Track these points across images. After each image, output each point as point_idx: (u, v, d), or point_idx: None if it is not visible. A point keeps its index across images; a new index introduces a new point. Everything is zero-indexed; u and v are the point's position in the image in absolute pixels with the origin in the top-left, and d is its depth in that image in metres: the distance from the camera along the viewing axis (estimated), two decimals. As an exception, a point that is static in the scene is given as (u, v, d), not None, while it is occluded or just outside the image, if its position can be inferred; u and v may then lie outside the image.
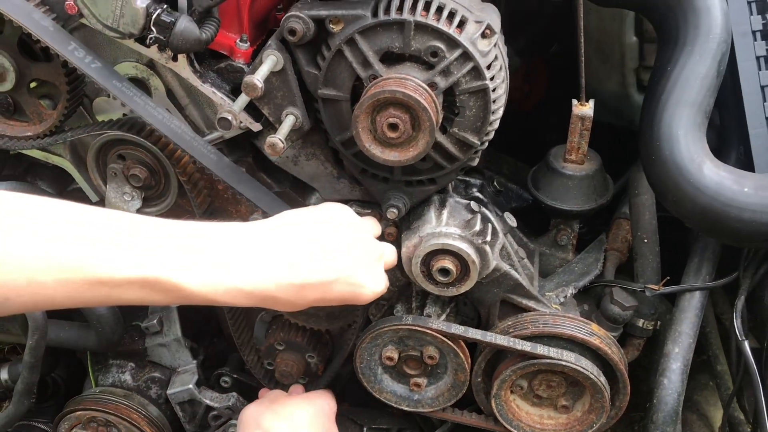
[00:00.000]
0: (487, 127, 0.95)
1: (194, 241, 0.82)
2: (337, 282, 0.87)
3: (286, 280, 0.84)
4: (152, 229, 0.81)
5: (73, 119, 1.09)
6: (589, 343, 1.03)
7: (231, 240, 0.85)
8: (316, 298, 0.87)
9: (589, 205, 1.12)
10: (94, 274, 0.75)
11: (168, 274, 0.78)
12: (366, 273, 0.91)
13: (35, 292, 0.74)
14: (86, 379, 1.39)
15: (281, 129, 0.95)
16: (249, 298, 0.84)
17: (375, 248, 0.94)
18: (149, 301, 0.81)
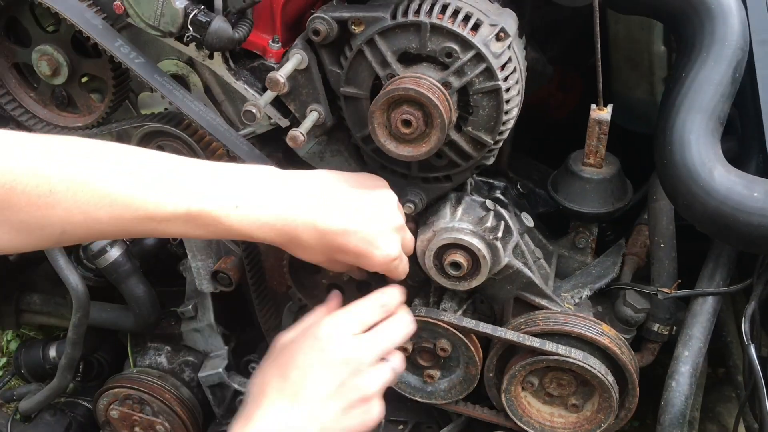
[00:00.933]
0: (500, 127, 0.98)
1: (233, 179, 0.91)
2: (355, 234, 0.93)
3: (311, 221, 0.92)
4: (193, 168, 0.90)
5: (120, 112, 1.18)
6: (598, 342, 1.05)
7: (268, 180, 0.93)
8: (333, 247, 0.94)
9: (607, 208, 1.14)
10: (144, 210, 0.84)
11: (210, 209, 0.87)
12: (382, 236, 0.96)
13: (90, 227, 0.83)
14: (126, 359, 1.47)
15: (304, 123, 1.01)
16: (279, 235, 0.92)
17: (397, 218, 0.99)
18: (191, 234, 0.89)
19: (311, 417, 0.87)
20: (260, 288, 1.26)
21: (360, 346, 0.93)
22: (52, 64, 1.11)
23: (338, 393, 0.89)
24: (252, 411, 0.88)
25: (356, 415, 0.90)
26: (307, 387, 0.88)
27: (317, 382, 0.89)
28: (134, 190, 0.84)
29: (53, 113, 1.19)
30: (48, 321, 1.72)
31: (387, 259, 0.97)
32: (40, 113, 1.18)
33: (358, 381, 0.91)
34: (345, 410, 0.89)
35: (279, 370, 0.92)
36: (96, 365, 1.59)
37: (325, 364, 0.90)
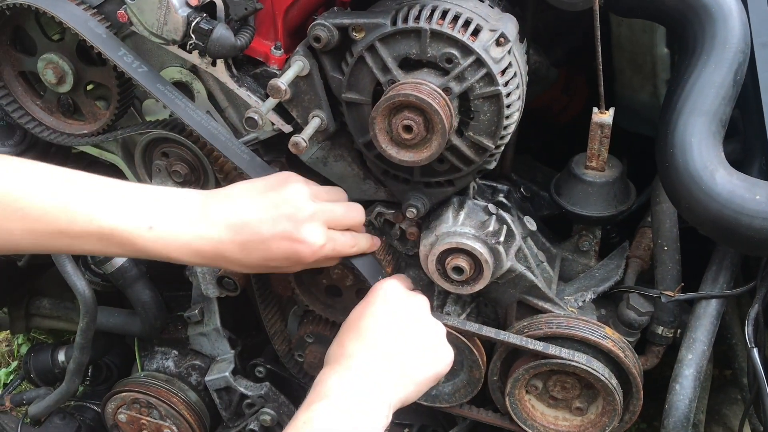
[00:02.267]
0: (501, 131, 0.98)
1: (149, 200, 0.92)
2: (274, 238, 0.94)
3: (228, 238, 0.93)
4: (111, 187, 0.91)
5: (125, 119, 1.19)
6: (602, 346, 1.05)
7: (185, 198, 0.94)
8: (259, 257, 0.95)
9: (609, 211, 1.14)
10: (56, 225, 0.86)
11: (122, 228, 0.88)
12: (302, 225, 0.95)
13: (4, 239, 0.85)
14: (134, 363, 1.49)
15: (306, 130, 1.01)
16: (198, 256, 0.93)
17: (306, 207, 0.97)
18: (109, 253, 0.92)
19: (390, 363, 0.93)
20: (265, 292, 1.27)
21: (417, 298, 1.03)
22: (57, 73, 1.12)
23: (412, 339, 0.97)
24: (332, 368, 0.92)
25: (432, 357, 0.98)
26: (383, 339, 0.95)
27: (390, 333, 0.96)
28: (46, 204, 0.86)
29: (59, 121, 1.20)
30: (57, 325, 1.74)
31: (315, 252, 0.97)
32: (46, 121, 1.19)
33: (425, 327, 1.00)
34: (421, 354, 0.97)
35: (353, 332, 0.97)
36: (104, 369, 1.60)
37: (393, 318, 0.98)
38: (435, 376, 0.98)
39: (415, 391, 0.96)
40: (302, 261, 0.97)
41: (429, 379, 0.97)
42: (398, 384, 0.93)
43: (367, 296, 1.02)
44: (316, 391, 0.90)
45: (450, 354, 1.00)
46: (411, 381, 0.94)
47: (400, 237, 1.16)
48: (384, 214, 1.13)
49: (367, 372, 0.92)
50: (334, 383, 0.90)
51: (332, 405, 0.86)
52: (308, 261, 0.98)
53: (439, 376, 0.99)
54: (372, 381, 0.91)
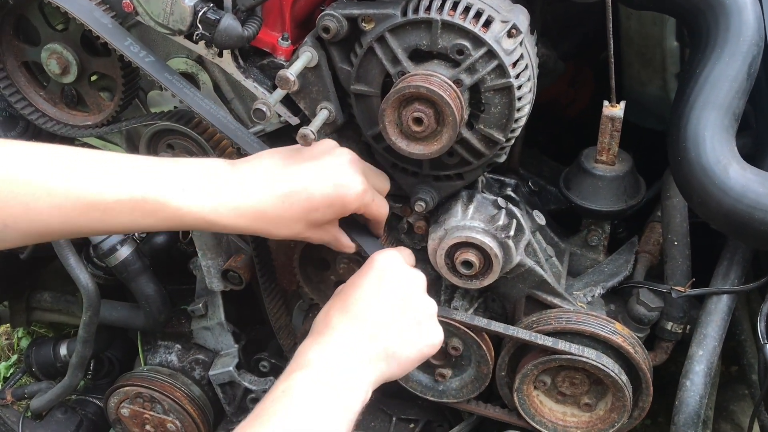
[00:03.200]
0: (512, 124, 0.97)
1: (178, 165, 0.89)
2: (317, 183, 0.92)
3: (269, 190, 0.91)
4: (137, 158, 0.90)
5: (129, 110, 1.18)
6: (612, 341, 1.04)
7: (214, 163, 0.92)
8: (303, 207, 0.92)
9: (619, 206, 1.13)
10: (85, 199, 0.83)
11: (154, 193, 0.85)
12: (342, 175, 0.94)
13: (31, 219, 0.82)
14: (137, 358, 1.48)
15: (314, 121, 1.00)
16: (239, 216, 0.90)
17: (347, 155, 0.96)
18: (142, 224, 0.87)
19: (374, 338, 0.90)
20: (270, 286, 1.26)
21: (413, 272, 0.98)
22: (61, 63, 1.11)
23: (399, 315, 0.93)
24: (314, 339, 0.90)
25: (419, 336, 0.93)
26: (368, 313, 0.91)
27: (377, 307, 0.92)
28: (73, 179, 0.83)
29: (63, 112, 1.19)
30: (58, 318, 1.73)
31: (358, 193, 0.95)
32: (50, 112, 1.18)
33: (416, 303, 0.95)
34: (407, 331, 0.92)
35: (340, 303, 0.94)
36: (107, 363, 1.59)
37: (383, 291, 0.94)
38: (420, 356, 0.94)
39: (399, 370, 0.92)
40: (346, 206, 0.95)
41: (414, 359, 0.93)
42: (381, 361, 0.90)
43: (363, 266, 0.99)
44: (296, 361, 0.88)
45: (439, 334, 0.96)
46: (394, 359, 0.91)
47: (408, 231, 1.15)
48: (392, 207, 1.12)
49: (350, 346, 0.89)
50: (314, 354, 0.87)
51: (312, 376, 0.84)
52: (352, 207, 0.95)
53: (425, 356, 0.95)
54: (353, 356, 0.88)
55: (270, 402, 0.82)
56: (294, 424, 0.79)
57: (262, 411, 0.81)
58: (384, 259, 0.99)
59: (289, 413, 0.80)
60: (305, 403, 0.82)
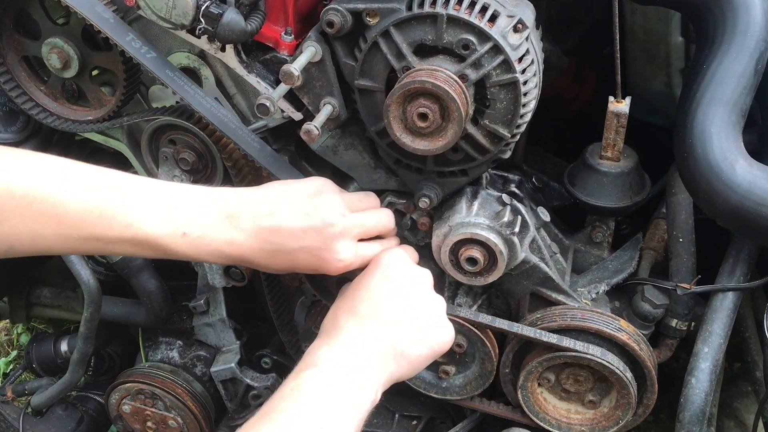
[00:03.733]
0: (518, 120, 0.97)
1: (182, 203, 0.92)
2: (302, 251, 0.95)
3: (257, 246, 0.94)
4: (145, 189, 0.92)
5: (131, 105, 1.17)
6: (617, 339, 1.03)
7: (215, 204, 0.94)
8: (287, 266, 0.97)
9: (624, 202, 1.12)
10: (91, 232, 0.87)
11: (157, 236, 0.89)
12: (330, 242, 0.95)
13: (36, 243, 0.86)
14: (138, 354, 1.47)
15: (318, 117, 0.99)
16: (225, 258, 0.95)
17: (338, 223, 0.96)
18: (141, 255, 0.93)
19: (382, 338, 0.90)
20: (273, 283, 1.25)
21: (419, 270, 0.99)
22: (62, 57, 1.10)
23: (407, 314, 0.93)
24: (323, 340, 0.91)
25: (429, 334, 0.94)
26: (376, 312, 0.92)
27: (384, 306, 0.93)
28: (84, 211, 0.86)
29: (64, 107, 1.18)
30: (58, 314, 1.72)
31: (340, 267, 0.97)
32: (50, 107, 1.17)
33: (424, 301, 0.96)
34: (416, 329, 0.93)
35: (348, 303, 0.95)
36: (107, 359, 1.59)
37: (390, 290, 0.95)
38: (431, 354, 0.95)
39: (409, 369, 0.93)
40: (328, 273, 0.97)
41: (425, 357, 0.94)
42: (390, 361, 0.90)
43: (369, 265, 0.99)
44: (305, 360, 0.88)
45: (450, 332, 0.97)
46: (404, 358, 0.91)
47: (411, 227, 1.14)
48: (395, 203, 1.11)
49: (358, 346, 0.89)
50: (324, 354, 0.88)
51: (321, 375, 0.85)
52: (334, 274, 0.98)
53: (436, 354, 0.95)
54: (362, 356, 0.88)
55: (278, 400, 0.82)
56: (302, 422, 0.79)
57: (271, 409, 0.81)
58: (390, 257, 1.00)
59: (298, 412, 0.80)
60: (314, 402, 0.82)
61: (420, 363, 0.94)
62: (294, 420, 0.79)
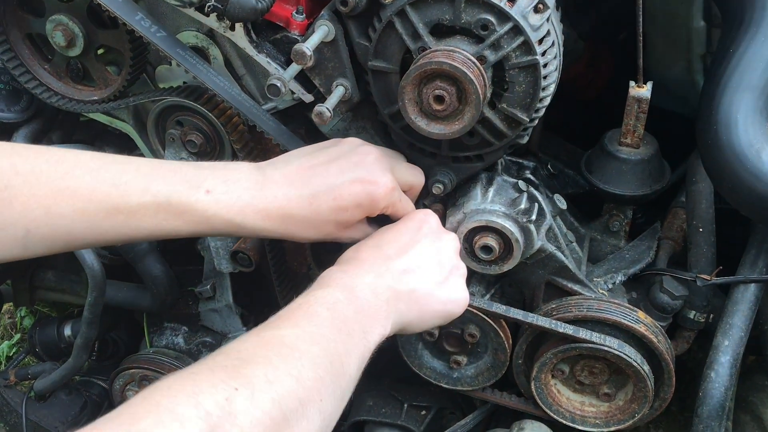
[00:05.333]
0: (537, 104, 0.93)
1: (201, 168, 0.88)
2: (345, 183, 0.90)
3: (295, 192, 0.89)
4: (160, 162, 0.88)
5: (137, 86, 1.14)
6: (634, 330, 1.01)
7: (238, 166, 0.90)
8: (331, 208, 0.90)
9: (643, 190, 1.09)
10: (109, 202, 0.81)
11: (179, 194, 0.83)
12: (371, 171, 0.92)
13: (54, 224, 0.80)
14: (143, 339, 1.45)
15: (330, 99, 0.96)
16: (267, 219, 0.88)
17: (371, 152, 0.95)
18: (168, 227, 0.85)
19: (401, 276, 0.88)
20: (281, 269, 1.23)
21: (451, 234, 0.98)
22: (67, 35, 1.07)
23: (430, 264, 0.91)
24: (340, 267, 0.89)
25: (446, 289, 0.92)
26: (400, 253, 0.90)
27: (410, 251, 0.91)
28: (96, 181, 0.82)
29: (68, 86, 1.15)
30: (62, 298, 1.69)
31: (387, 190, 0.92)
32: (54, 86, 1.14)
33: (449, 258, 0.94)
34: (435, 281, 0.91)
35: (373, 241, 0.93)
36: (111, 344, 1.56)
37: (419, 239, 0.93)
38: (443, 311, 0.92)
39: (417, 319, 0.90)
40: (376, 205, 0.92)
41: (436, 313, 0.92)
42: (402, 303, 0.87)
43: (402, 218, 0.98)
44: (318, 282, 0.86)
45: (466, 297, 0.95)
46: (417, 306, 0.89)
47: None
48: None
49: (375, 279, 0.86)
50: (338, 277, 0.85)
51: (334, 294, 0.82)
52: (381, 205, 0.93)
53: (448, 313, 0.93)
54: (378, 289, 0.85)
55: (284, 312, 0.79)
56: (308, 332, 0.75)
57: (276, 319, 0.77)
58: (424, 214, 0.99)
59: (305, 321, 0.76)
60: (323, 316, 0.78)
61: (430, 318, 0.92)
62: (299, 330, 0.74)
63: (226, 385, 0.63)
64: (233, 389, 0.62)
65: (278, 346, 0.71)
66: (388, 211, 0.97)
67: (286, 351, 0.70)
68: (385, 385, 1.27)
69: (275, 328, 0.75)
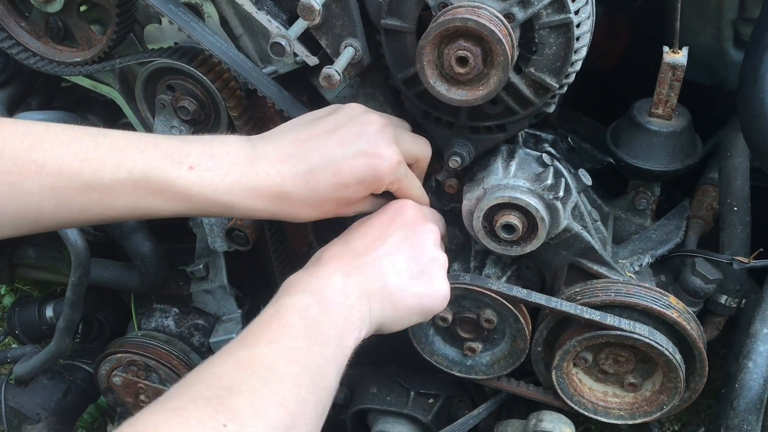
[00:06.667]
0: (568, 69, 0.85)
1: (183, 141, 0.79)
2: (345, 158, 0.81)
3: (290, 168, 0.80)
4: (137, 134, 0.79)
5: (124, 47, 1.04)
6: (666, 317, 0.93)
7: (227, 139, 0.82)
8: (330, 185, 0.81)
9: (675, 165, 1.01)
10: (80, 178, 0.73)
11: (158, 170, 0.75)
12: (375, 140, 0.83)
13: (21, 202, 0.72)
14: (130, 322, 1.36)
15: (339, 60, 0.87)
16: (258, 198, 0.80)
17: (374, 120, 0.85)
18: (147, 207, 0.77)
19: (371, 274, 0.81)
20: (280, 248, 1.14)
21: (427, 222, 0.89)
22: (46, -12, 0.97)
23: (403, 259, 0.84)
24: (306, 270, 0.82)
25: (422, 284, 0.84)
26: (369, 249, 0.83)
27: (380, 246, 0.84)
28: (67, 155, 0.73)
29: (48, 46, 1.05)
30: (44, 276, 1.60)
31: (393, 165, 0.83)
32: (32, 46, 1.04)
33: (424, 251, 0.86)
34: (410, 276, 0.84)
35: (342, 239, 0.86)
36: (96, 326, 1.47)
37: (390, 232, 0.86)
38: (420, 308, 0.84)
39: (392, 317, 0.82)
40: (380, 181, 0.83)
41: (411, 309, 0.84)
42: (376, 302, 0.80)
43: (377, 211, 0.90)
44: (285, 289, 0.79)
45: (445, 288, 0.86)
46: (391, 303, 0.81)
47: (436, 189, 1.03)
48: (420, 162, 0.99)
49: (345, 278, 0.79)
50: (307, 281, 0.78)
51: (304, 300, 0.75)
52: (386, 181, 0.84)
53: (426, 308, 0.85)
54: (348, 288, 0.79)
55: (255, 326, 0.72)
56: (285, 348, 0.69)
57: (249, 335, 0.71)
58: (400, 204, 0.90)
59: (279, 336, 0.70)
60: (297, 326, 0.72)
61: (406, 313, 0.84)
62: (276, 346, 0.69)
63: (214, 422, 0.59)
64: (222, 426, 0.59)
65: (259, 369, 0.66)
66: (393, 187, 0.88)
67: (266, 374, 0.66)
68: (391, 372, 1.19)
69: (251, 347, 0.69)
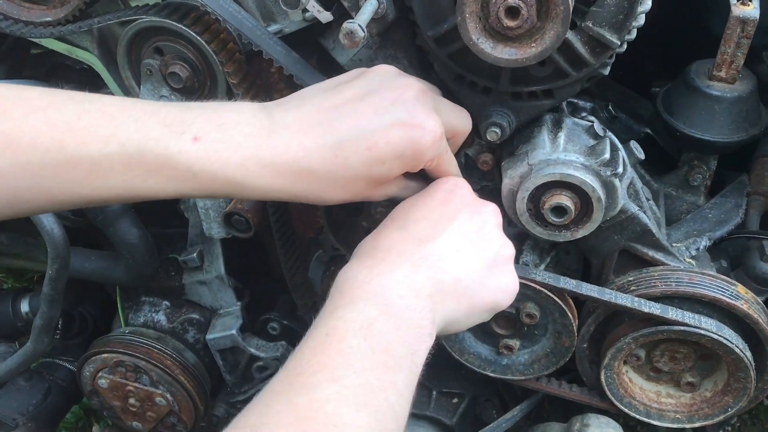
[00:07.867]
0: (632, 22, 0.72)
1: (186, 108, 0.66)
2: (381, 128, 0.68)
3: (314, 140, 0.67)
4: (132, 100, 0.66)
5: (102, 4, 0.90)
6: (735, 309, 0.82)
7: (239, 105, 0.69)
8: (363, 160, 0.68)
9: (739, 135, 0.89)
10: (60, 152, 0.61)
11: (154, 144, 0.62)
12: (415, 109, 0.69)
13: None
14: (116, 316, 1.23)
15: (360, 14, 0.74)
16: (276, 176, 0.67)
17: (412, 84, 0.72)
18: (142, 188, 0.64)
19: (441, 266, 0.69)
20: (286, 233, 1.01)
21: (487, 204, 0.76)
22: (8, -66, 0.82)
23: (470, 248, 0.71)
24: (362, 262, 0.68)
25: (493, 277, 0.72)
26: (434, 236, 0.70)
27: (444, 232, 0.71)
28: (44, 125, 0.61)
29: (14, 4, 0.91)
30: (18, 264, 1.47)
31: (436, 137, 0.70)
32: (-4, 4, 0.90)
33: (490, 238, 0.73)
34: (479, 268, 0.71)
35: (397, 222, 0.73)
36: (78, 320, 1.33)
37: (450, 216, 0.72)
38: (493, 303, 0.72)
39: (464, 316, 0.71)
40: (421, 156, 0.70)
41: (485, 306, 0.72)
42: (449, 298, 0.68)
43: (425, 190, 0.76)
44: (341, 293, 0.65)
45: (515, 282, 0.75)
46: (466, 298, 0.70)
47: (466, 166, 0.90)
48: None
49: (412, 272, 0.67)
50: (365, 281, 0.65)
51: (366, 311, 0.62)
52: (427, 156, 0.70)
53: (498, 304, 0.73)
54: (417, 285, 0.66)
55: (311, 352, 0.60)
56: (350, 387, 0.57)
57: (304, 364, 0.58)
58: (451, 182, 0.76)
59: (343, 369, 0.58)
60: (362, 352, 0.59)
61: (478, 312, 0.72)
62: (339, 384, 0.56)
63: None
64: None
65: (323, 425, 0.54)
66: (432, 165, 0.74)
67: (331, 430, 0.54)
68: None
69: (310, 388, 0.56)
